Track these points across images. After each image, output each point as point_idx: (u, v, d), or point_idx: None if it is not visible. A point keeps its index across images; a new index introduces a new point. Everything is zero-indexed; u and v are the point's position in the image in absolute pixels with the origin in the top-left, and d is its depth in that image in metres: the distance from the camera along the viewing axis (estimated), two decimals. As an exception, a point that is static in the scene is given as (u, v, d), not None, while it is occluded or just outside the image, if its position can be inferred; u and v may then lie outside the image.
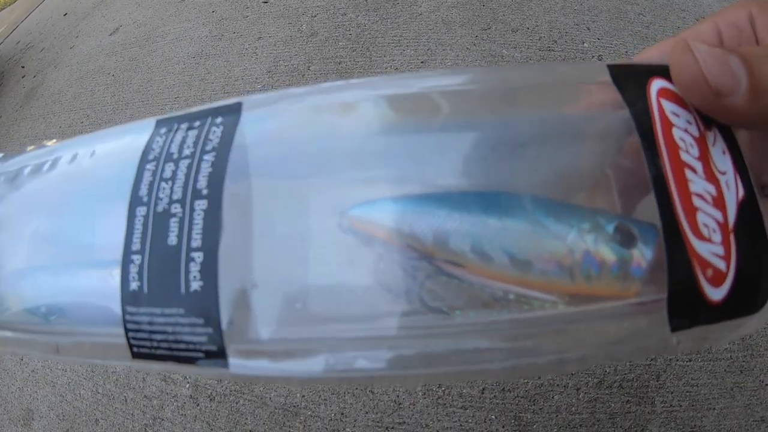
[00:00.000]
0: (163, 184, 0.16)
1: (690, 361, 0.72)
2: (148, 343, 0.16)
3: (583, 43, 1.09)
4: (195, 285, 0.15)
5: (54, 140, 0.20)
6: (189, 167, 0.16)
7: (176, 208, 0.16)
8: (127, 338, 0.16)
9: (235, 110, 0.17)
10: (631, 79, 0.15)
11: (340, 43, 1.18)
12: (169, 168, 0.16)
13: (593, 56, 1.06)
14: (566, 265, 0.13)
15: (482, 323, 0.14)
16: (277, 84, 1.13)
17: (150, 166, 0.17)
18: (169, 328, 0.15)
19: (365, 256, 0.15)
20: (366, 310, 0.15)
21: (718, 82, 0.14)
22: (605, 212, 0.14)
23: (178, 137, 0.17)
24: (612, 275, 0.13)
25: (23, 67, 1.67)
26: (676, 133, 0.14)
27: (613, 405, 0.69)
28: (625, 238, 0.14)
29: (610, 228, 0.14)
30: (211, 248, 0.15)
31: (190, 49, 1.33)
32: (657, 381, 0.71)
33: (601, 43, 1.09)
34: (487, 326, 0.14)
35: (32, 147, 0.21)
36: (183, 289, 0.15)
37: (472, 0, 1.20)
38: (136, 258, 0.16)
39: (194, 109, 0.18)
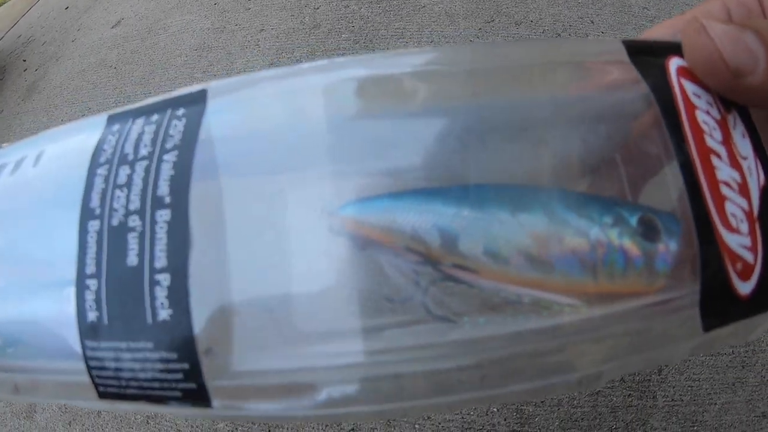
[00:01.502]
0: (118, 191, 0.14)
1: (692, 355, 0.72)
2: (115, 382, 0.13)
3: (587, 36, 1.08)
4: (163, 314, 0.12)
5: (6, 144, 0.18)
6: (147, 170, 0.14)
7: (134, 221, 0.13)
8: (91, 377, 0.14)
9: (198, 99, 0.14)
10: (649, 58, 0.14)
11: (343, 35, 1.17)
12: (124, 172, 0.14)
13: (597, 49, 1.06)
14: (589, 263, 0.12)
15: (506, 336, 0.12)
16: (279, 76, 1.13)
17: (101, 171, 0.14)
18: (138, 365, 0.13)
19: (361, 263, 0.13)
20: (364, 324, 0.13)
21: (736, 62, 0.13)
22: (625, 203, 0.13)
23: (133, 135, 0.14)
24: (636, 271, 0.12)
25: (25, 60, 1.66)
26: (700, 116, 0.13)
27: (614, 399, 0.69)
28: (648, 231, 0.13)
29: (633, 220, 0.13)
30: (179, 268, 0.12)
31: (192, 41, 1.33)
32: (659, 375, 0.71)
33: (605, 36, 1.08)
34: (512, 341, 0.12)
35: None
36: (149, 319, 0.13)
37: (476, -7, 1.19)
38: (92, 283, 0.13)
39: (151, 100, 0.15)
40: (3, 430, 0.86)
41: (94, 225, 0.13)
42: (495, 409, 0.69)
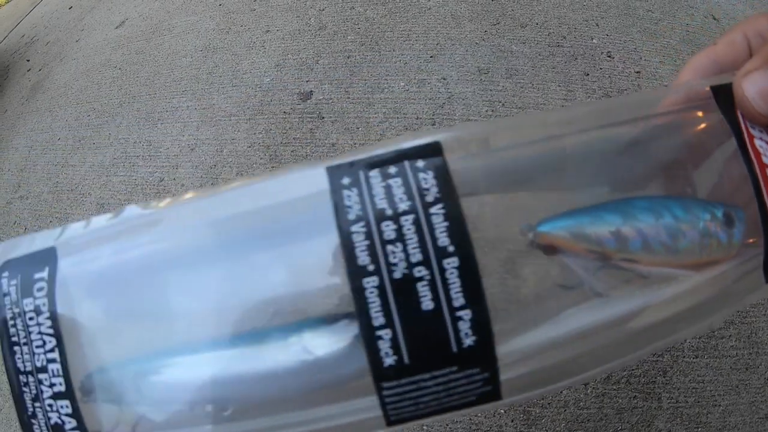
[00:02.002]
0: (391, 247, 0.15)
1: (696, 357, 0.72)
2: (411, 408, 0.15)
3: (592, 39, 1.09)
4: (468, 341, 0.15)
5: (167, 200, 0.17)
6: (416, 224, 0.15)
7: (421, 272, 0.15)
8: (384, 411, 0.15)
9: (434, 152, 0.16)
10: (725, 100, 0.19)
11: (349, 37, 1.17)
12: (390, 228, 0.15)
13: (602, 53, 1.06)
14: (699, 245, 0.18)
15: (656, 304, 0.17)
16: (286, 78, 1.13)
17: (358, 228, 0.15)
18: (440, 387, 0.15)
19: (553, 266, 0.17)
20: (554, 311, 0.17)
21: None
22: (712, 203, 0.19)
23: (378, 190, 0.15)
24: (723, 246, 0.18)
25: (28, 60, 1.66)
26: (757, 143, 0.18)
27: (620, 400, 0.70)
28: (729, 220, 0.18)
29: (719, 214, 0.18)
30: (478, 303, 0.15)
31: (198, 42, 1.33)
32: (664, 377, 0.71)
33: (610, 39, 1.08)
34: (662, 307, 0.17)
35: (152, 204, 0.17)
36: (455, 348, 0.15)
37: (481, -5, 1.19)
38: (385, 333, 0.15)
39: (372, 153, 0.16)
40: (9, 431, 0.86)
41: (371, 281, 0.15)
42: (502, 411, 0.70)
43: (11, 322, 0.17)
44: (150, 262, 0.16)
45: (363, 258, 0.15)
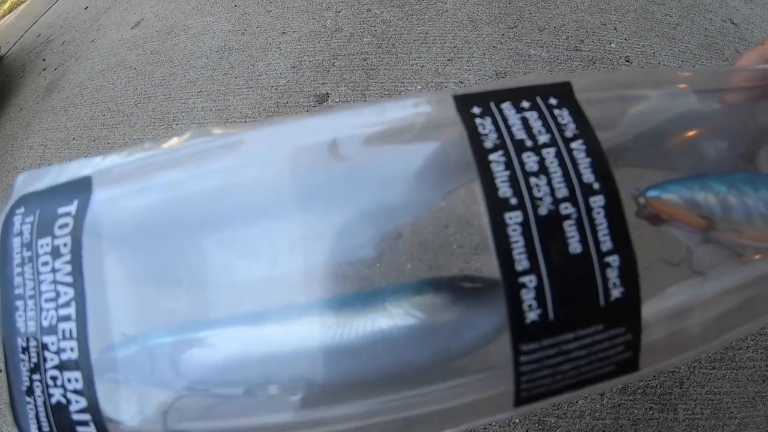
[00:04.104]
0: (534, 179, 0.13)
1: (713, 369, 0.71)
2: (547, 380, 0.13)
3: (611, 43, 1.08)
4: (616, 293, 0.13)
5: (247, 124, 0.14)
6: (558, 157, 0.13)
7: (567, 208, 0.13)
8: (518, 384, 0.13)
9: (565, 92, 0.15)
10: None
11: (365, 40, 1.17)
12: (532, 160, 0.13)
13: (621, 57, 1.05)
14: None
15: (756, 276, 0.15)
16: (302, 79, 1.13)
17: (496, 157, 0.13)
18: (583, 352, 0.13)
19: (660, 235, 0.15)
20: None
21: None
22: None
23: (514, 120, 0.14)
24: None
25: (44, 59, 1.68)
26: None
27: (636, 411, 0.69)
28: None
29: None
30: (626, 247, 0.13)
31: (213, 43, 1.33)
32: (680, 388, 0.70)
33: (628, 43, 1.07)
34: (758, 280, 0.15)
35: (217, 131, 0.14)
36: (602, 302, 0.13)
37: (497, -2, 1.19)
38: (529, 280, 0.12)
39: (500, 86, 0.15)
40: None
41: (513, 216, 0.13)
42: (517, 420, 0.70)
43: (17, 270, 0.13)
44: (222, 197, 0.13)
45: (504, 190, 0.13)
